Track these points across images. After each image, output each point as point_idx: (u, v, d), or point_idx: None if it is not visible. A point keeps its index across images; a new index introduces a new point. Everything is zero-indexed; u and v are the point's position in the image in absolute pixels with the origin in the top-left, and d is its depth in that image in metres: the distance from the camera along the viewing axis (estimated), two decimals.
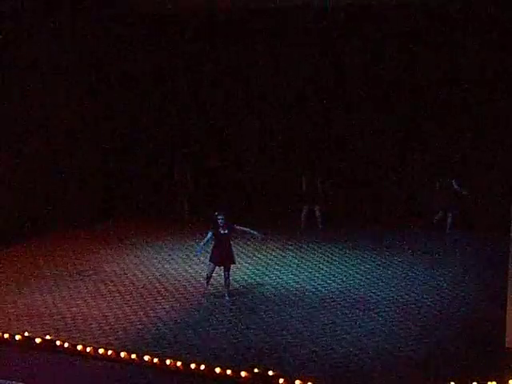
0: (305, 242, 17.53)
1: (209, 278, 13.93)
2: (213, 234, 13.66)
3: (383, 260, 16.03)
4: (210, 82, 20.16)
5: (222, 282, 14.02)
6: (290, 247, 17.18)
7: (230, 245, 13.83)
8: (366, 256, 16.34)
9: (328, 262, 16.01)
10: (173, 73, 20.43)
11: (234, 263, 14.02)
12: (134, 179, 20.57)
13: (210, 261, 13.84)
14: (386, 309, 13.07)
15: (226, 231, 13.64)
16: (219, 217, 13.57)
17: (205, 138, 20.54)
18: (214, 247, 13.76)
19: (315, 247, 17.12)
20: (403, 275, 14.99)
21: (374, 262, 15.93)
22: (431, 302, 13.42)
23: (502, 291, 12.14)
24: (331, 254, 16.62)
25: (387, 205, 19.17)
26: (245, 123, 20.19)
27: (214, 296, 13.85)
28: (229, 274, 13.80)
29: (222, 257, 13.71)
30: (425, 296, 13.71)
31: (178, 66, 20.36)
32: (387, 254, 16.50)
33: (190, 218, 19.80)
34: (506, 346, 11.09)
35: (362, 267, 15.55)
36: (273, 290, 14.23)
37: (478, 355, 11.00)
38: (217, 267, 13.85)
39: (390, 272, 15.21)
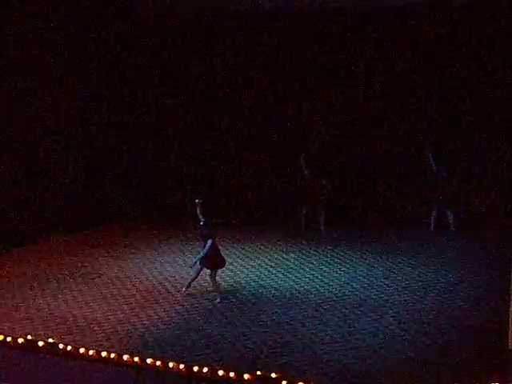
0: (306, 244, 17.53)
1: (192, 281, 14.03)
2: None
3: (384, 261, 16.02)
4: (206, 80, 20.24)
5: (224, 284, 14.05)
6: (291, 249, 17.18)
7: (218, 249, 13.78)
8: (366, 257, 16.33)
9: (329, 263, 16.01)
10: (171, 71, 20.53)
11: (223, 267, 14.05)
12: (136, 181, 20.58)
13: (200, 264, 13.82)
14: (388, 310, 13.07)
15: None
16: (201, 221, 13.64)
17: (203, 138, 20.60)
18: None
19: (316, 249, 17.12)
20: (404, 276, 14.99)
21: (374, 263, 15.93)
22: (433, 303, 13.42)
23: (505, 292, 12.14)
24: (332, 255, 16.61)
25: (387, 206, 19.18)
26: (244, 122, 20.20)
27: (216, 299, 13.87)
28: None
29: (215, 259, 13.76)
30: (426, 297, 13.72)
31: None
32: (388, 255, 16.49)
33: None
34: (509, 347, 11.08)
35: (363, 268, 15.54)
36: (275, 291, 14.23)
37: (480, 357, 10.99)
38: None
39: (390, 273, 15.21)
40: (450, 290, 14.11)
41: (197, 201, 13.69)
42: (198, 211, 13.61)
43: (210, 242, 13.48)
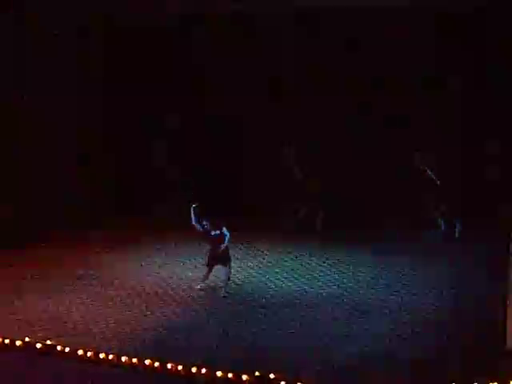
0: (305, 244, 17.50)
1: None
2: None
3: (382, 262, 15.99)
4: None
5: (221, 284, 14.12)
6: (290, 249, 17.15)
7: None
8: (365, 258, 16.31)
9: (328, 264, 15.98)
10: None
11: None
12: (136, 181, 20.56)
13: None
14: (386, 310, 13.07)
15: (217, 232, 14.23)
16: (204, 223, 14.17)
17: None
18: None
19: (316, 249, 17.09)
20: (402, 277, 14.97)
21: (374, 263, 15.91)
22: (431, 303, 13.42)
23: (503, 292, 12.14)
24: (332, 255, 16.59)
25: (384, 206, 19.13)
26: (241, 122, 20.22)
27: (214, 300, 13.85)
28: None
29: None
30: (424, 297, 13.71)
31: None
32: (386, 255, 16.46)
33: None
34: (507, 347, 11.07)
35: (362, 269, 15.52)
36: (273, 292, 14.23)
37: (478, 357, 10.98)
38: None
39: (389, 274, 15.20)
40: (449, 290, 14.10)
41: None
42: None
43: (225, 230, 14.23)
